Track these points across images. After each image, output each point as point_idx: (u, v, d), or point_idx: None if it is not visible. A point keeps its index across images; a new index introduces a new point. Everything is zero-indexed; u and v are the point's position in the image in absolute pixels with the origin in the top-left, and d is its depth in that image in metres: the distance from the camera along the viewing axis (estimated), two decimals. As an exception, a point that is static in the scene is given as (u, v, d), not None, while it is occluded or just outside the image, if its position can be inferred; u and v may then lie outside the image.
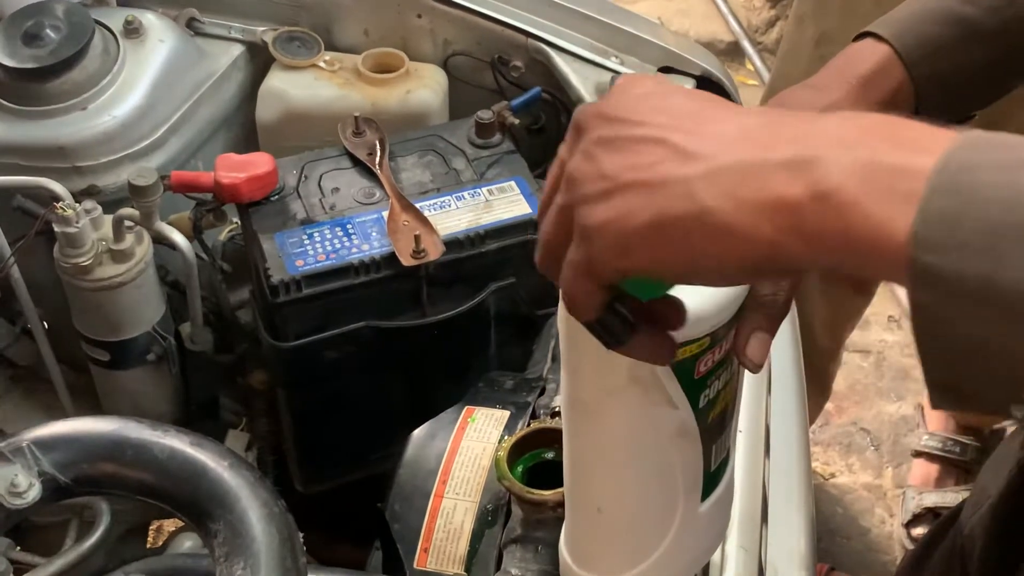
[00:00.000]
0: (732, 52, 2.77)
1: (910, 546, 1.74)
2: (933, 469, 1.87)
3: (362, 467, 1.11)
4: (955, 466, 1.84)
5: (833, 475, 1.92)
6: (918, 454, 1.89)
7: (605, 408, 0.62)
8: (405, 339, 1.02)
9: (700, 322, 0.56)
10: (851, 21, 1.43)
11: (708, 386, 0.60)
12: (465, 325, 1.04)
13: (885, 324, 2.15)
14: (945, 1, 0.69)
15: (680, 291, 0.55)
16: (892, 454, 1.96)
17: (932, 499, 1.80)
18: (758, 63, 2.71)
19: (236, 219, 1.10)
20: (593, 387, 0.62)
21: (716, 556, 0.84)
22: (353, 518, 1.04)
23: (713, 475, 0.66)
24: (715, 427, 0.63)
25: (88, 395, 1.17)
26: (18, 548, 0.95)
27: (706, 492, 0.66)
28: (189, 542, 1.02)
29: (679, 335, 0.55)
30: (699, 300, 0.56)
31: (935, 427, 1.90)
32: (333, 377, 1.03)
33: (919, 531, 1.76)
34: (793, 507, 0.94)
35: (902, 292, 2.16)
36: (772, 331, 0.57)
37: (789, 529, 0.93)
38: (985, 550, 1.08)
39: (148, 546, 1.32)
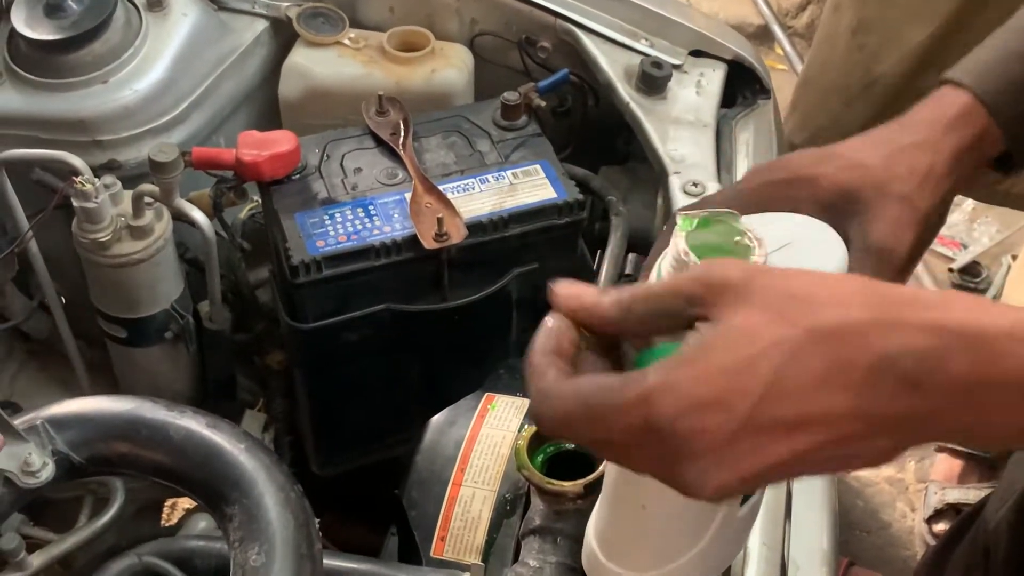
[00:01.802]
0: (761, 36, 2.74)
1: (931, 542, 1.73)
2: (957, 464, 1.85)
3: (378, 450, 1.11)
4: (979, 462, 1.82)
5: (854, 468, 1.91)
6: (942, 449, 1.87)
7: None
8: (425, 323, 1.02)
9: None
10: (890, 9, 1.41)
11: None
12: (486, 310, 1.03)
13: (911, 316, 2.13)
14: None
15: None
16: (915, 448, 1.94)
17: (955, 495, 1.78)
18: (788, 48, 2.68)
19: (257, 197, 1.09)
20: None
21: (739, 556, 0.83)
22: (369, 502, 1.05)
23: None
24: None
25: (105, 371, 1.17)
26: (32, 524, 0.95)
27: (746, 495, 0.65)
28: (204, 522, 1.01)
29: None
30: None
31: (960, 422, 1.88)
32: (351, 359, 1.02)
33: (941, 527, 1.74)
34: (816, 504, 0.93)
35: (929, 284, 2.13)
36: None
37: (812, 526, 0.92)
38: (1010, 546, 1.07)
39: (163, 524, 1.32)
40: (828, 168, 0.64)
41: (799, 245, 0.59)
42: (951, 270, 2.18)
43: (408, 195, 1.01)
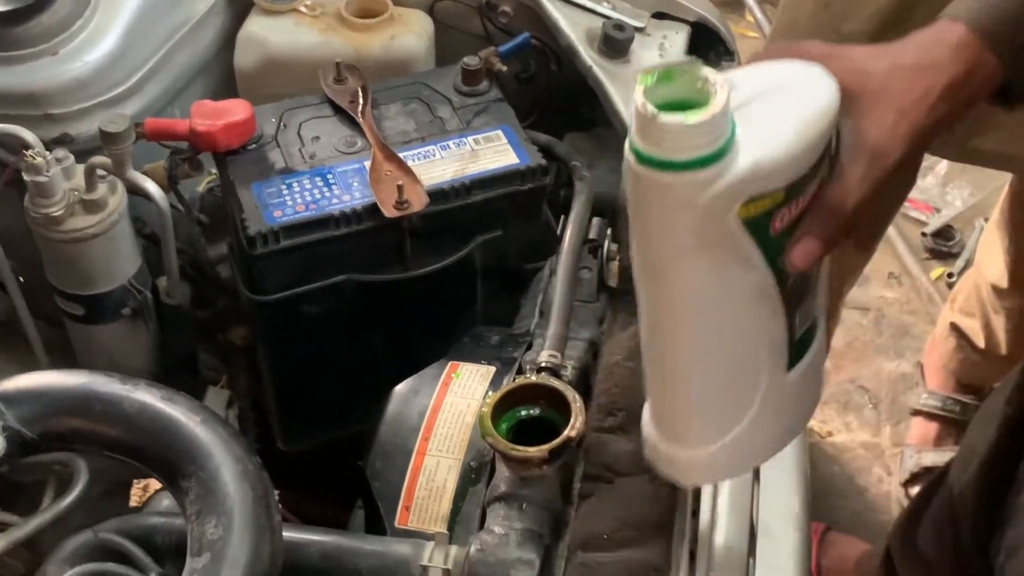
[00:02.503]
0: (732, 3, 2.73)
1: (908, 506, 1.74)
2: (932, 428, 1.86)
3: (345, 425, 1.10)
4: (954, 425, 1.83)
5: (830, 433, 1.92)
6: (917, 413, 1.88)
7: (677, 271, 0.62)
8: (388, 293, 1.01)
9: (772, 175, 0.58)
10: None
11: (786, 243, 0.62)
12: (450, 279, 1.03)
13: (885, 281, 2.14)
14: None
15: (748, 143, 0.57)
16: (891, 412, 1.95)
17: (931, 458, 1.79)
18: (758, 15, 2.67)
19: (214, 169, 1.08)
20: (663, 249, 0.62)
21: (705, 515, 0.83)
22: (337, 477, 1.04)
23: (799, 344, 0.67)
24: (796, 292, 0.65)
25: (64, 351, 1.15)
26: (-1, 508, 0.94)
27: (792, 361, 0.67)
28: (167, 500, 1.01)
29: (750, 188, 0.58)
30: (769, 152, 0.57)
31: (934, 385, 1.89)
32: (314, 332, 1.02)
33: (917, 490, 1.76)
34: (786, 465, 0.93)
35: (903, 249, 2.15)
36: (825, 240, 0.63)
37: (782, 488, 0.93)
38: (975, 509, 1.07)
39: (133, 504, 1.31)
40: (833, 65, 0.66)
41: (786, 88, 0.61)
42: (924, 234, 2.19)
43: (367, 163, 1.00)
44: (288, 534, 0.75)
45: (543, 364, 0.88)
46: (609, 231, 1.03)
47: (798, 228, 0.63)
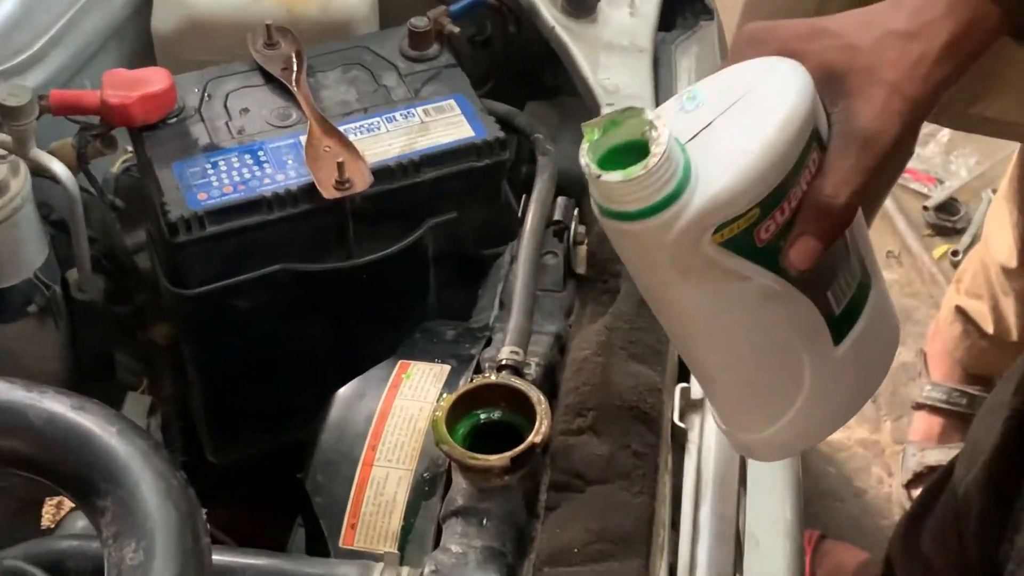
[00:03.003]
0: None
1: (911, 509, 1.76)
2: (936, 423, 1.88)
3: (282, 433, 1.10)
4: (961, 420, 1.86)
5: (825, 432, 1.94)
6: (920, 406, 1.90)
7: (673, 298, 0.70)
8: (328, 284, 1.01)
9: (736, 200, 0.64)
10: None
11: (783, 245, 0.67)
12: (398, 267, 1.03)
13: (883, 260, 2.15)
14: None
15: (708, 173, 0.63)
16: (891, 406, 1.97)
17: (935, 456, 1.81)
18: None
19: (130, 147, 1.07)
20: (651, 283, 0.71)
21: (687, 524, 0.84)
22: (273, 492, 1.03)
23: (843, 316, 0.72)
24: (817, 275, 0.69)
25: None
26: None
27: (840, 334, 0.72)
28: (82, 521, 1.00)
29: (715, 218, 0.64)
30: (728, 179, 0.63)
31: (939, 376, 1.91)
32: (246, 329, 1.02)
33: (920, 492, 1.78)
34: (776, 467, 0.94)
35: (902, 224, 2.17)
36: (823, 237, 0.66)
37: (771, 493, 0.93)
38: (982, 513, 1.09)
39: (46, 525, 1.30)
40: (816, 46, 0.68)
41: (752, 96, 0.65)
42: (926, 208, 2.21)
43: (303, 138, 1.00)
44: (219, 557, 0.75)
45: (504, 361, 0.88)
46: (576, 211, 1.03)
47: (792, 228, 0.66)
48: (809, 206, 0.66)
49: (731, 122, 0.65)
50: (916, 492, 1.80)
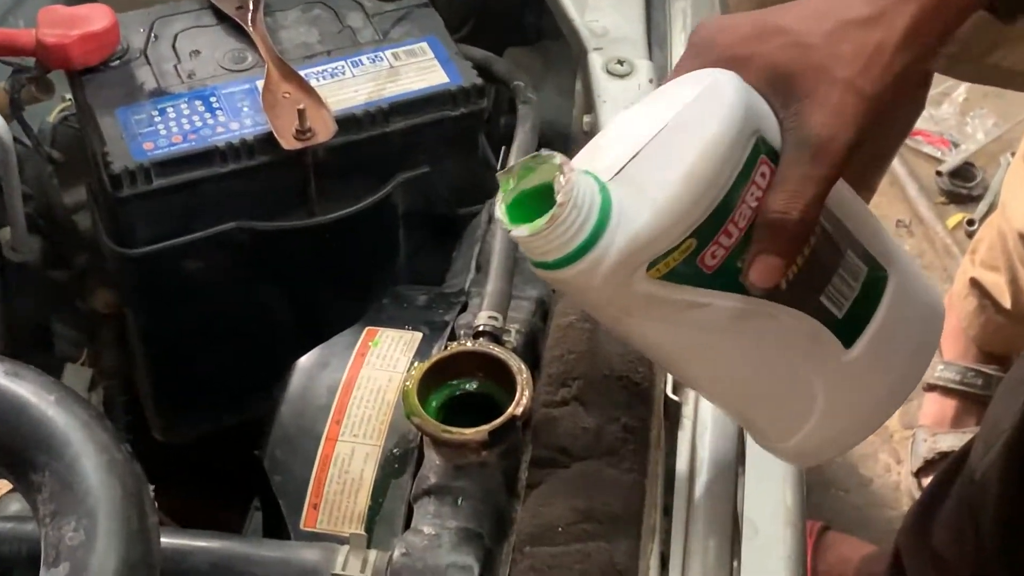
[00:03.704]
0: None
1: (921, 499, 1.77)
2: (949, 406, 1.89)
3: (237, 411, 1.10)
4: (976, 402, 1.86)
5: (828, 416, 1.95)
6: (931, 388, 1.91)
7: (631, 331, 0.72)
8: (289, 245, 1.01)
9: (662, 236, 0.65)
10: None
11: (743, 265, 0.68)
12: (365, 226, 1.03)
13: (892, 230, 2.16)
14: None
15: (632, 209, 0.65)
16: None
17: (948, 442, 1.82)
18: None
19: (68, 93, 1.07)
20: (604, 320, 0.74)
21: (680, 506, 0.84)
22: (227, 471, 1.04)
23: (851, 317, 0.72)
24: (800, 284, 0.69)
25: None
26: None
27: (850, 337, 0.73)
28: (18, 504, 0.99)
29: (642, 256, 0.66)
30: (650, 216, 0.65)
31: (952, 355, 1.92)
32: (197, 294, 1.02)
33: (931, 479, 1.79)
34: None
35: (913, 191, 2.17)
36: (783, 253, 0.67)
37: (772, 477, 0.93)
38: (1001, 498, 1.09)
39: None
40: (764, 47, 0.68)
41: (685, 117, 0.66)
42: (939, 173, 2.22)
43: (260, 83, 1.00)
44: (168, 540, 0.74)
45: (481, 328, 0.87)
46: (561, 166, 1.03)
47: (748, 247, 0.67)
48: (762, 224, 0.66)
49: (656, 151, 0.66)
50: (927, 480, 1.81)
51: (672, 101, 0.68)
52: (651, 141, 0.66)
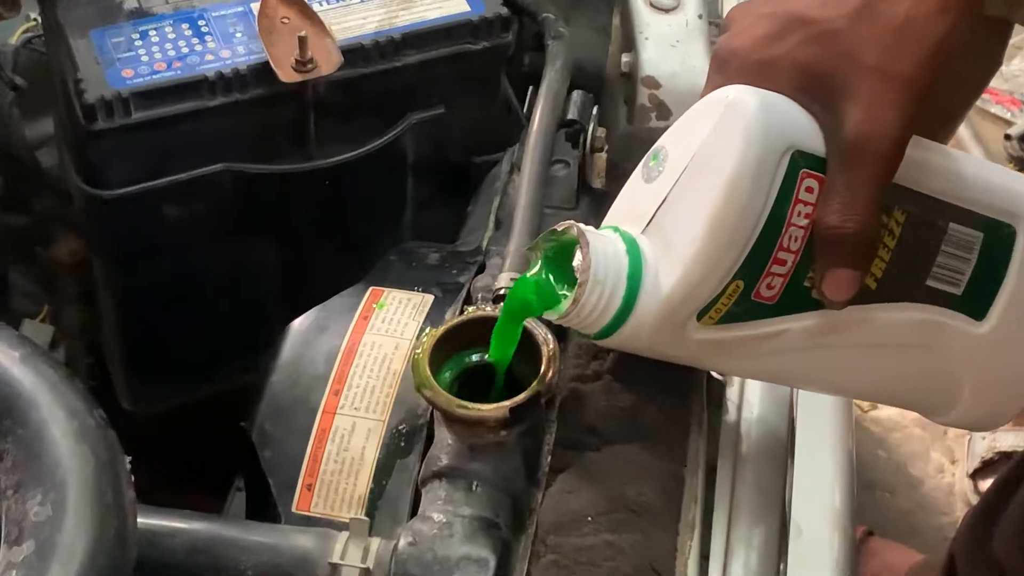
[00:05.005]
0: None
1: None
2: (1012, 400, 1.89)
3: (217, 378, 1.12)
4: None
5: (874, 406, 1.95)
6: (992, 380, 1.91)
7: (715, 368, 0.82)
8: (282, 191, 1.02)
9: (699, 288, 0.69)
10: None
11: (809, 284, 0.70)
12: (370, 173, 1.03)
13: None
14: None
15: (666, 262, 0.69)
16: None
17: (1009, 440, 1.83)
18: None
19: (35, 12, 1.08)
20: (681, 362, 0.78)
21: (723, 499, 0.84)
22: (204, 451, 1.04)
23: (974, 288, 0.74)
24: (900, 273, 0.72)
25: None
26: None
27: (979, 309, 0.75)
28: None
29: (685, 311, 0.70)
30: (681, 271, 0.69)
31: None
32: (176, 244, 1.02)
33: (991, 482, 1.79)
34: (826, 445, 0.95)
35: (969, 139, 2.15)
36: (853, 263, 0.68)
37: (821, 473, 0.94)
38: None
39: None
40: (787, 45, 0.70)
41: (701, 155, 0.69)
42: (1008, 137, 2.21)
43: (256, 6, 1.00)
44: (144, 520, 0.74)
45: (502, 291, 0.87)
46: (595, 110, 1.02)
47: (812, 262, 0.69)
48: (821, 242, 0.68)
49: (679, 198, 0.70)
50: (985, 483, 1.81)
51: (699, 126, 0.71)
52: (674, 186, 0.70)
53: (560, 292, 0.73)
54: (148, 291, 1.05)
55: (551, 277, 0.74)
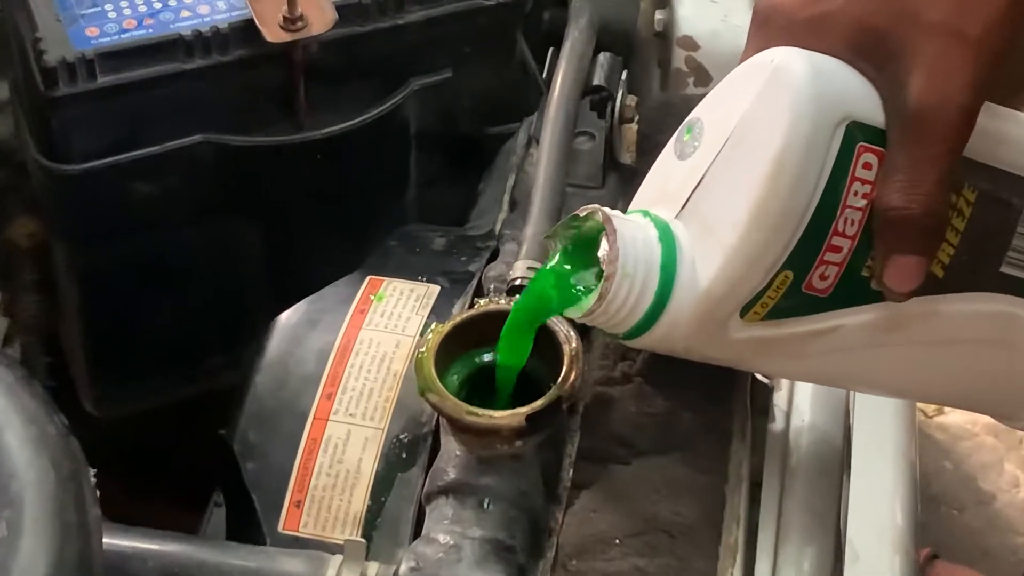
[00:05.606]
0: None
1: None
2: (1096, 406, 1.89)
3: (194, 378, 1.12)
4: None
5: (940, 410, 1.95)
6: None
7: (762, 370, 0.86)
8: (268, 166, 1.02)
9: (742, 282, 0.69)
10: None
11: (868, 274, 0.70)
12: (367, 146, 1.03)
13: None
14: None
15: (704, 250, 0.69)
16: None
17: (1097, 452, 1.83)
18: None
19: None
20: (723, 364, 0.78)
21: (770, 519, 0.84)
22: (178, 461, 1.06)
23: None
24: (970, 259, 0.72)
25: None
26: None
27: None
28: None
29: (727, 307, 0.70)
30: (719, 266, 0.69)
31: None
32: (148, 226, 1.02)
33: (1072, 500, 1.80)
34: (886, 456, 0.95)
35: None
36: (919, 251, 0.69)
37: (879, 489, 0.94)
38: None
39: None
40: (837, 2, 0.69)
41: (742, 128, 0.69)
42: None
43: (239, -43, 1.00)
44: (112, 541, 0.75)
45: (518, 282, 0.88)
46: (624, 75, 1.02)
47: (871, 248, 0.69)
48: (883, 226, 0.68)
49: (719, 177, 0.70)
50: (1066, 500, 1.82)
51: (739, 95, 0.71)
52: (712, 164, 0.70)
53: (584, 286, 0.73)
54: (116, 279, 1.05)
55: (572, 269, 0.74)
